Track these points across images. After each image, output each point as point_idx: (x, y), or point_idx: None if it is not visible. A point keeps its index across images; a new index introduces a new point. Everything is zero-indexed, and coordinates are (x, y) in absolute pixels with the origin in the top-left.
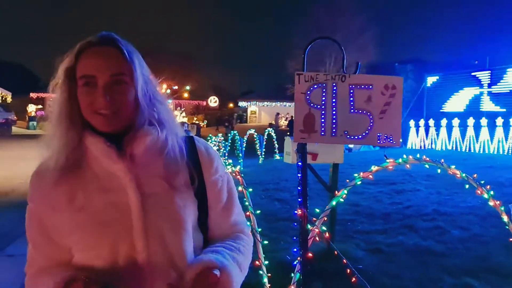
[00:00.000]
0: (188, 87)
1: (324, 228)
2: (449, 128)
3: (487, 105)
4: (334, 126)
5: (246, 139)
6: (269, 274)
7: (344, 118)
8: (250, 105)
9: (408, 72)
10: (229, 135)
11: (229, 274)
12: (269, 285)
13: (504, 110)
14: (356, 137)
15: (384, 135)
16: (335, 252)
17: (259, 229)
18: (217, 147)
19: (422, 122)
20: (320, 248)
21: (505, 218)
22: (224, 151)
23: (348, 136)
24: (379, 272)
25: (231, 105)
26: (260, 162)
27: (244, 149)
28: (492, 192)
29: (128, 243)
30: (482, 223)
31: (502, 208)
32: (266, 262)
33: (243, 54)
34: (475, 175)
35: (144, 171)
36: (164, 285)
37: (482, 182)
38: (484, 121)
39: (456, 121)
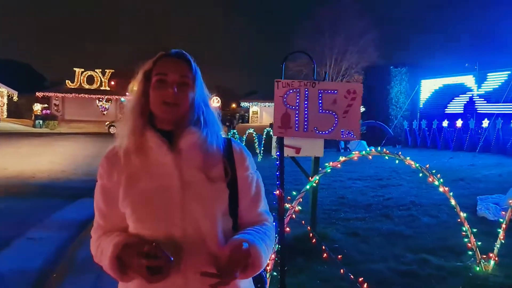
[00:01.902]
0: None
1: (299, 207)
2: (439, 128)
3: (476, 107)
4: (306, 123)
5: (245, 138)
6: None
7: (314, 117)
8: (252, 106)
9: (403, 75)
10: (229, 133)
11: (258, 249)
12: None
13: (492, 112)
14: (324, 132)
15: (347, 130)
16: (309, 228)
17: None
18: None
19: (414, 123)
20: (304, 232)
21: (452, 201)
22: None
23: (317, 132)
24: (353, 250)
25: (234, 105)
26: (259, 160)
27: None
28: (441, 180)
29: (168, 220)
30: (450, 212)
31: (451, 194)
32: None
33: (247, 55)
34: (427, 165)
35: (187, 163)
36: (195, 256)
37: (434, 171)
38: (471, 122)
39: (445, 123)
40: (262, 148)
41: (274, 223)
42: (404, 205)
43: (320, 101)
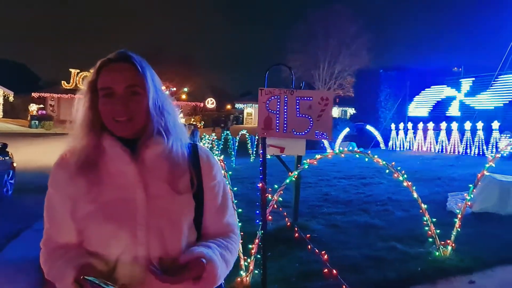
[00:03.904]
0: (186, 89)
1: (280, 199)
2: (425, 131)
3: (459, 110)
4: (285, 125)
5: (238, 139)
6: (242, 233)
7: (292, 120)
8: (247, 107)
9: (392, 78)
10: (222, 134)
11: (215, 266)
12: (241, 241)
13: (474, 115)
14: (300, 133)
15: (320, 132)
16: (285, 214)
17: (240, 210)
18: (211, 145)
19: (401, 126)
20: (286, 223)
21: (414, 194)
22: (217, 149)
23: (295, 133)
24: (330, 240)
25: (228, 106)
26: (251, 160)
27: (236, 148)
28: (405, 175)
29: (130, 235)
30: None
31: (414, 188)
32: (240, 224)
33: (241, 57)
34: (393, 163)
35: (151, 174)
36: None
37: (399, 168)
38: (454, 125)
39: (431, 125)
40: (255, 149)
41: (239, 235)
42: (381, 201)
43: (297, 107)
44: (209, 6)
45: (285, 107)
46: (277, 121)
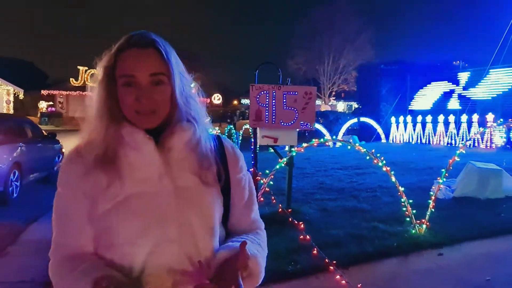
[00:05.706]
0: (193, 85)
1: (271, 182)
2: (424, 124)
3: (457, 104)
4: (273, 117)
5: (241, 133)
6: None
7: (280, 112)
8: None
9: (392, 73)
10: (225, 129)
11: (257, 260)
12: None
13: (468, 106)
14: (287, 124)
15: (305, 122)
16: (273, 200)
17: None
18: None
19: (401, 119)
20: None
21: (392, 178)
22: None
23: (282, 123)
24: (319, 221)
25: (235, 102)
26: None
27: (240, 142)
28: (384, 161)
29: (159, 232)
30: (408, 193)
31: (393, 172)
32: None
33: (247, 53)
34: (373, 150)
35: (179, 165)
36: (193, 273)
37: (376, 152)
38: (451, 117)
39: (429, 118)
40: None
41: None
42: (371, 188)
43: (284, 100)
44: (215, 3)
45: (274, 101)
46: (267, 113)
